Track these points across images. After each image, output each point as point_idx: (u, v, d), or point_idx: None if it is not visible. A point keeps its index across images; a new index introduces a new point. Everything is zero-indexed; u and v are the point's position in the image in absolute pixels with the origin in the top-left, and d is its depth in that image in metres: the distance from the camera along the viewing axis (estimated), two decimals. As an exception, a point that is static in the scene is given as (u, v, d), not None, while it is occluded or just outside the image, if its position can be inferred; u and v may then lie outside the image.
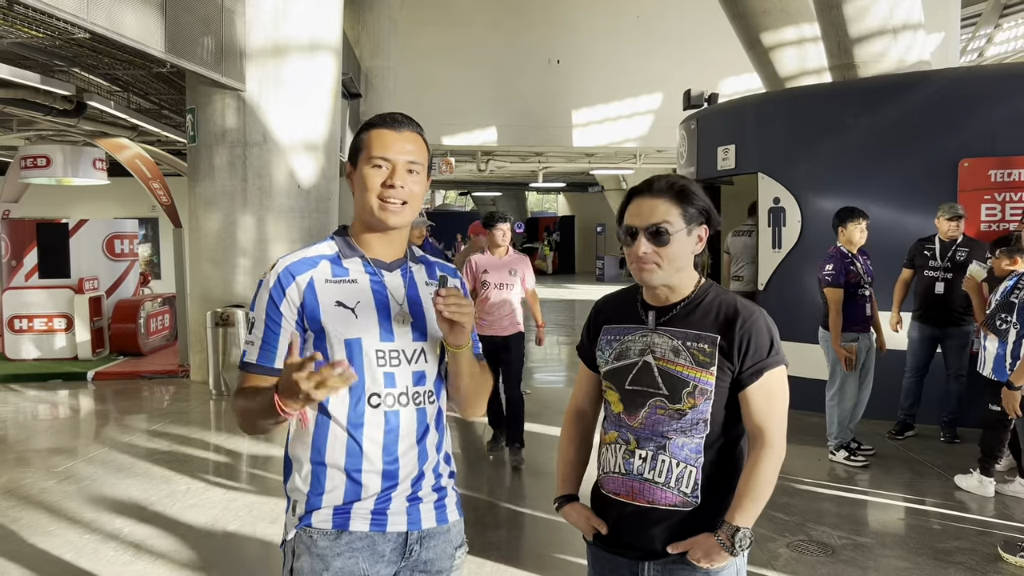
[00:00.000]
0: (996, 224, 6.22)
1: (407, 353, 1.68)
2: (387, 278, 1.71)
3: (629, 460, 1.78)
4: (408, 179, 1.67)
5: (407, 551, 1.69)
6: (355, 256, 1.71)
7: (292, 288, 1.65)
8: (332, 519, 1.64)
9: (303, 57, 8.37)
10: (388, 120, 1.69)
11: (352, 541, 1.64)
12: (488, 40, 17.15)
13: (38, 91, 8.57)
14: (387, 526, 1.67)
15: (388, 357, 1.66)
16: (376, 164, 1.66)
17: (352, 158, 1.72)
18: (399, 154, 1.66)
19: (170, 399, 8.03)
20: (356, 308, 1.66)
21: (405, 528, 1.68)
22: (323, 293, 1.65)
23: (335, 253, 1.71)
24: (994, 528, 4.30)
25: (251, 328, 1.69)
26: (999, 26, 22.35)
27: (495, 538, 4.17)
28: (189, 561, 3.92)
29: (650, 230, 1.72)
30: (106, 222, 11.14)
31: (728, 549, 1.67)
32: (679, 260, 1.74)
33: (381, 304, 1.68)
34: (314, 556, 1.64)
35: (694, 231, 1.76)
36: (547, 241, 31.97)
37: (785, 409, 1.76)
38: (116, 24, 5.71)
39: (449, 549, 1.76)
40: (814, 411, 6.12)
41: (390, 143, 1.66)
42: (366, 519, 1.65)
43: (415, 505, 1.70)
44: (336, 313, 1.64)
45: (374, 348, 1.65)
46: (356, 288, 1.67)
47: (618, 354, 1.82)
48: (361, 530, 1.65)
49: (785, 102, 8.00)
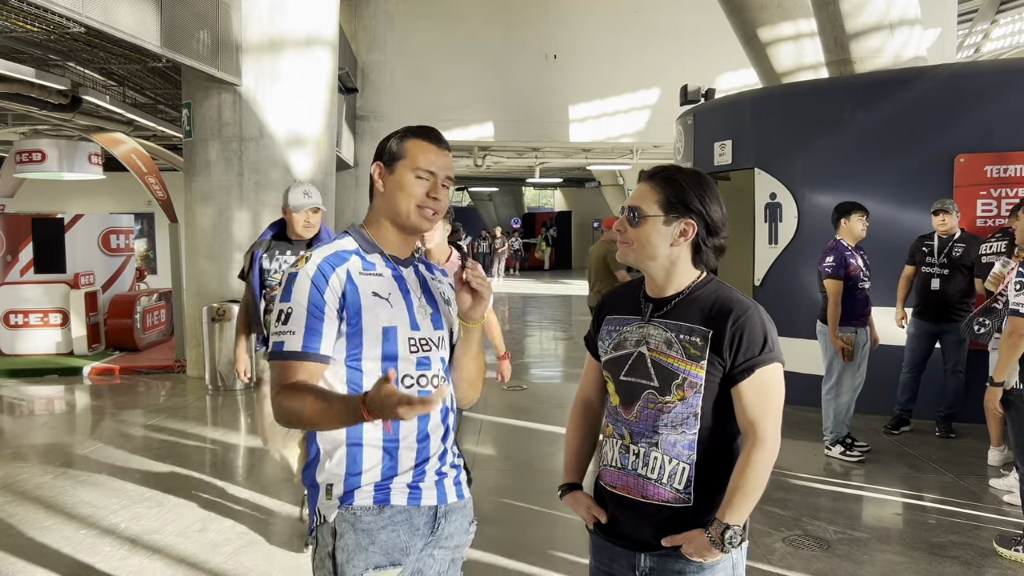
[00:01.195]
0: (991, 220, 6.23)
1: (433, 340, 1.82)
2: (404, 273, 1.85)
3: (624, 455, 1.80)
4: (443, 193, 1.83)
5: (436, 524, 1.81)
6: (375, 252, 1.82)
7: (334, 278, 1.72)
8: (374, 494, 1.73)
9: (299, 52, 8.35)
10: (434, 136, 1.83)
11: (394, 515, 1.74)
12: (485, 35, 17.13)
13: (33, 85, 8.53)
14: (421, 499, 1.77)
15: (419, 344, 1.79)
16: (421, 175, 1.78)
17: (388, 160, 1.82)
18: (441, 170, 1.81)
19: (166, 394, 8.02)
20: (389, 298, 1.78)
21: (435, 502, 1.80)
22: (361, 284, 1.75)
23: (357, 248, 1.82)
24: (989, 523, 4.32)
25: (284, 319, 1.70)
26: (996, 22, 22.39)
27: (496, 533, 4.18)
28: (186, 556, 3.92)
29: (627, 210, 1.79)
30: (102, 217, 11.12)
31: (718, 546, 1.68)
32: (650, 247, 1.76)
33: (406, 296, 1.81)
34: (359, 532, 1.71)
35: (674, 223, 1.75)
36: (544, 236, 31.98)
37: (780, 407, 1.74)
38: (111, 18, 5.69)
39: (465, 524, 1.89)
40: (810, 406, 6.14)
41: (436, 159, 1.80)
42: (404, 492, 1.75)
43: (441, 480, 1.82)
44: (374, 302, 1.75)
45: (407, 336, 1.77)
46: (385, 280, 1.79)
47: (616, 344, 1.84)
48: (400, 504, 1.75)
49: (782, 98, 8.00)
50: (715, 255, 1.80)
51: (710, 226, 1.76)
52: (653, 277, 1.81)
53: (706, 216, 1.75)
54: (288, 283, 1.73)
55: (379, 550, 1.71)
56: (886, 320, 6.02)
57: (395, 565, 1.72)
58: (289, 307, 1.71)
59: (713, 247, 1.78)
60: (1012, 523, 4.23)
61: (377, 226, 1.84)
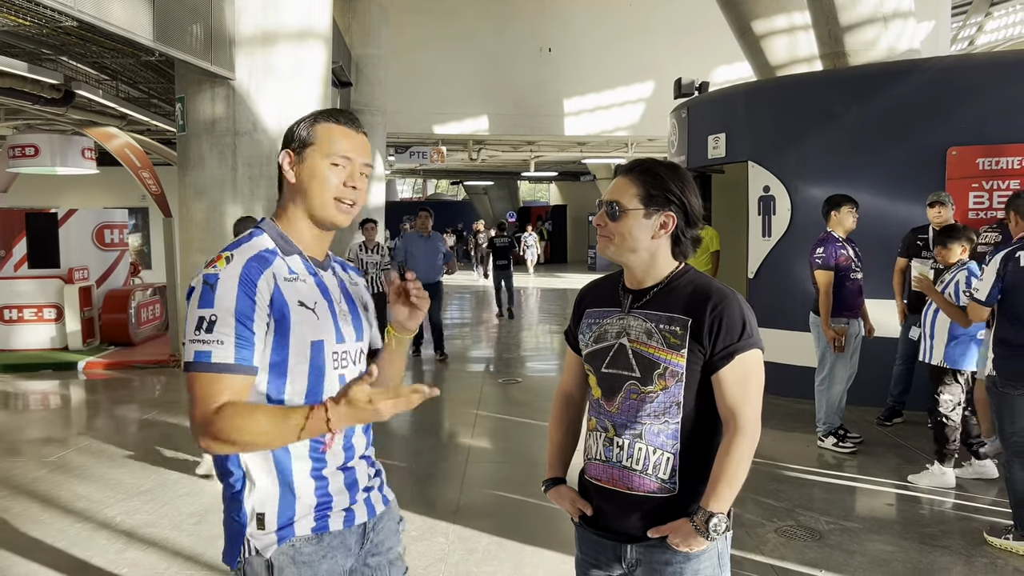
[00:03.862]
0: (984, 212, 6.26)
1: (351, 354, 1.69)
2: (324, 277, 1.69)
3: (608, 448, 1.81)
4: (361, 182, 1.66)
5: (364, 539, 1.72)
6: (294, 254, 1.64)
7: (263, 283, 1.54)
8: (314, 524, 1.61)
9: (293, 46, 8.33)
10: (348, 119, 1.67)
11: (331, 541, 1.64)
12: (479, 28, 17.09)
13: (25, 80, 8.50)
14: (355, 520, 1.68)
15: (340, 359, 1.65)
16: (336, 162, 1.62)
17: (297, 147, 1.64)
18: (358, 155, 1.64)
19: (161, 389, 8.02)
20: (315, 308, 1.61)
21: (366, 518, 1.71)
22: (287, 292, 1.57)
23: (275, 248, 1.62)
24: (979, 513, 4.36)
25: (206, 328, 1.49)
26: (989, 14, 22.42)
27: (486, 525, 4.20)
28: (181, 549, 3.93)
29: (606, 205, 1.78)
30: (96, 212, 11.09)
31: (703, 534, 1.69)
32: (631, 240, 1.76)
33: (331, 305, 1.65)
34: (300, 565, 1.58)
35: (654, 215, 1.76)
36: (539, 230, 31.96)
37: (759, 394, 1.75)
38: (103, 12, 5.67)
39: (393, 525, 1.81)
40: (803, 398, 6.17)
41: (350, 143, 1.64)
42: (340, 516, 1.65)
43: (368, 494, 1.73)
44: (301, 314, 1.58)
45: (331, 351, 1.63)
46: (308, 288, 1.62)
47: (596, 337, 1.85)
48: (337, 528, 1.65)
49: (775, 91, 8.01)
50: (693, 246, 1.81)
51: (689, 217, 1.77)
52: (633, 269, 1.81)
53: (685, 207, 1.76)
54: (206, 286, 1.51)
55: None
56: (877, 311, 6.04)
57: None
58: (213, 314, 1.49)
59: (692, 238, 1.80)
60: (1000, 513, 4.26)
61: (289, 221, 1.65)
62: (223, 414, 1.46)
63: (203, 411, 1.47)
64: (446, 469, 5.25)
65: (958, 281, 4.67)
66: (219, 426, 1.46)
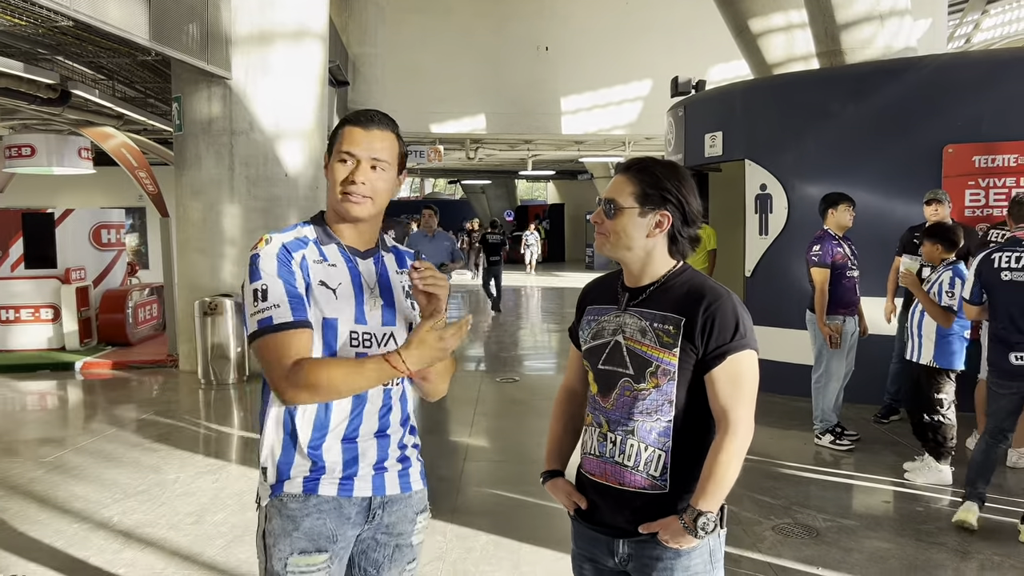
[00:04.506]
0: (980, 210, 6.27)
1: (377, 336, 1.79)
2: (361, 265, 1.82)
3: (603, 443, 1.83)
4: (371, 175, 1.75)
5: (371, 514, 1.81)
6: (332, 243, 1.81)
7: (294, 262, 1.73)
8: (303, 485, 1.75)
9: (290, 44, 8.33)
10: (361, 118, 1.78)
11: (320, 503, 1.75)
12: (476, 27, 17.09)
13: (22, 79, 8.48)
14: (353, 491, 1.78)
15: (361, 339, 1.77)
16: (342, 159, 1.76)
17: (328, 151, 1.82)
18: (364, 151, 1.75)
19: (159, 389, 8.02)
20: (337, 290, 1.76)
21: (370, 493, 1.80)
22: (312, 272, 1.74)
23: (315, 238, 1.80)
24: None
25: (261, 297, 1.67)
26: (986, 12, 22.44)
27: (483, 523, 4.20)
28: (178, 549, 3.93)
29: (603, 202, 1.80)
30: (92, 212, 11.07)
31: (691, 533, 1.70)
32: (626, 238, 1.78)
33: (357, 289, 1.79)
34: (284, 518, 1.75)
35: (650, 214, 1.77)
36: (537, 229, 31.94)
37: (752, 394, 1.75)
38: (100, 11, 5.66)
39: (410, 514, 1.89)
40: (800, 396, 6.18)
41: (357, 140, 1.75)
42: (333, 485, 1.76)
43: (380, 474, 1.82)
44: (320, 292, 1.74)
45: (348, 330, 1.76)
46: (336, 271, 1.78)
47: (594, 334, 1.87)
48: (329, 494, 1.76)
49: (772, 89, 8.02)
50: (691, 245, 1.81)
51: (686, 216, 1.78)
52: (629, 267, 1.83)
53: (682, 206, 1.77)
54: (253, 264, 1.71)
55: (303, 536, 1.74)
56: (875, 310, 6.05)
57: (321, 551, 1.74)
58: (263, 284, 1.68)
59: (689, 237, 1.80)
60: (998, 510, 4.27)
61: (329, 215, 1.84)
62: (301, 365, 1.64)
63: (280, 369, 1.64)
64: (444, 468, 5.26)
65: (942, 281, 4.68)
66: (300, 375, 1.63)
